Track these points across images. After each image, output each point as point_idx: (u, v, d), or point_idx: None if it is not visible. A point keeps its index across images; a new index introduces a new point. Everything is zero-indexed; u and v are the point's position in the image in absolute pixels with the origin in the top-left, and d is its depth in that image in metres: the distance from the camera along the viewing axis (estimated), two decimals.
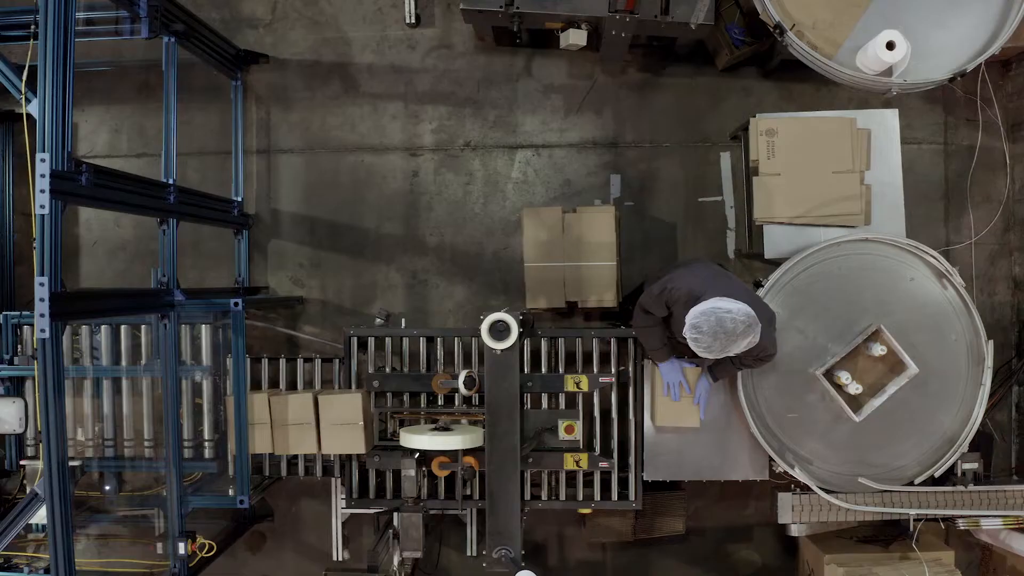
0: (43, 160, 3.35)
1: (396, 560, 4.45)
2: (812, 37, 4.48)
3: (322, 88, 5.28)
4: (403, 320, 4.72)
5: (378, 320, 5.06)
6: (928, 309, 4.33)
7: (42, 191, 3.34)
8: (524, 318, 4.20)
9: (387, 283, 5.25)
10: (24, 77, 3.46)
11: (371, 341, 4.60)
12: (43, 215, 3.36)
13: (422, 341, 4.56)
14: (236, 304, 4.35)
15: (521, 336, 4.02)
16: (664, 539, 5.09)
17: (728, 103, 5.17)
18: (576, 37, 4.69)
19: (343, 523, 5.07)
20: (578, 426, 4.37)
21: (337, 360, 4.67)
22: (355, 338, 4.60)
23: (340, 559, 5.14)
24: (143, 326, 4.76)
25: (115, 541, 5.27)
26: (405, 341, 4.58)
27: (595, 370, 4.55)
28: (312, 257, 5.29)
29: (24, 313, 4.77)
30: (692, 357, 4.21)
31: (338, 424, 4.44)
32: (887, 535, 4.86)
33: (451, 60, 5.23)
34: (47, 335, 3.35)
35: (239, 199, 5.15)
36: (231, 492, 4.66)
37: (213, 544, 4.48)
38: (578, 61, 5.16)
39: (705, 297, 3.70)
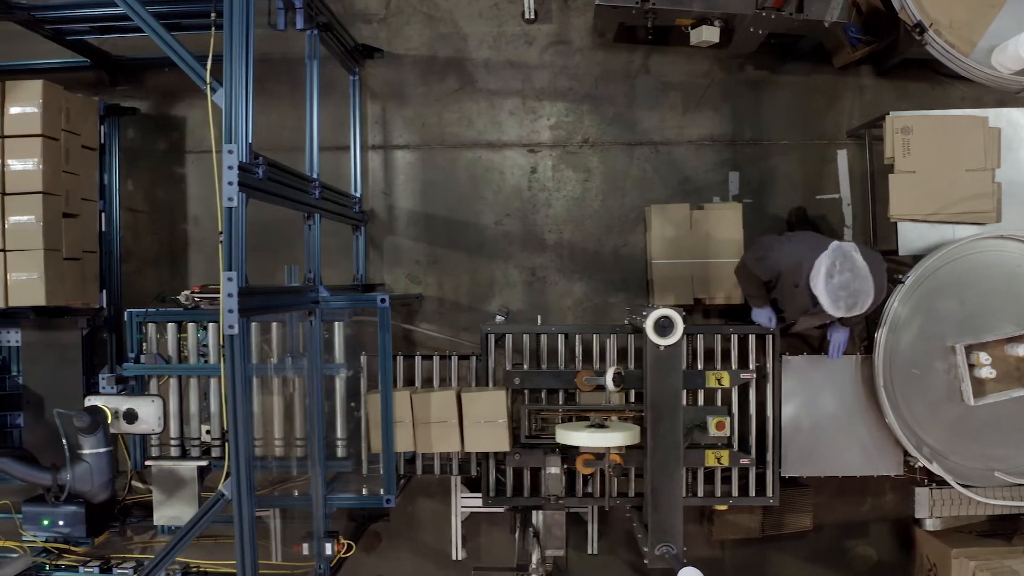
0: (230, 152, 3.32)
1: (536, 558, 4.43)
2: (948, 36, 4.54)
3: (438, 84, 5.23)
4: (539, 317, 4.69)
5: (499, 317, 5.04)
6: None
7: (230, 183, 3.31)
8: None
9: (505, 280, 5.22)
10: (208, 67, 3.40)
11: (508, 338, 4.57)
12: (230, 208, 3.31)
13: (561, 338, 4.54)
14: (383, 301, 4.29)
15: (698, 332, 4.01)
16: (784, 536, 5.10)
17: (844, 101, 5.20)
18: (709, 34, 4.69)
19: (462, 522, 5.07)
20: (728, 423, 4.37)
21: (474, 357, 4.62)
22: (492, 335, 4.57)
23: (459, 558, 5.12)
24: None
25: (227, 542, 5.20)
26: (543, 338, 4.55)
27: (733, 366, 4.56)
28: (429, 254, 5.25)
29: (150, 310, 4.69)
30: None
31: (482, 422, 4.40)
32: (1006, 530, 4.91)
33: (568, 56, 5.21)
34: (235, 331, 3.30)
35: (358, 195, 5.09)
36: (364, 491, 4.60)
37: (352, 544, 4.43)
38: (696, 58, 5.16)
39: (815, 254, 3.80)
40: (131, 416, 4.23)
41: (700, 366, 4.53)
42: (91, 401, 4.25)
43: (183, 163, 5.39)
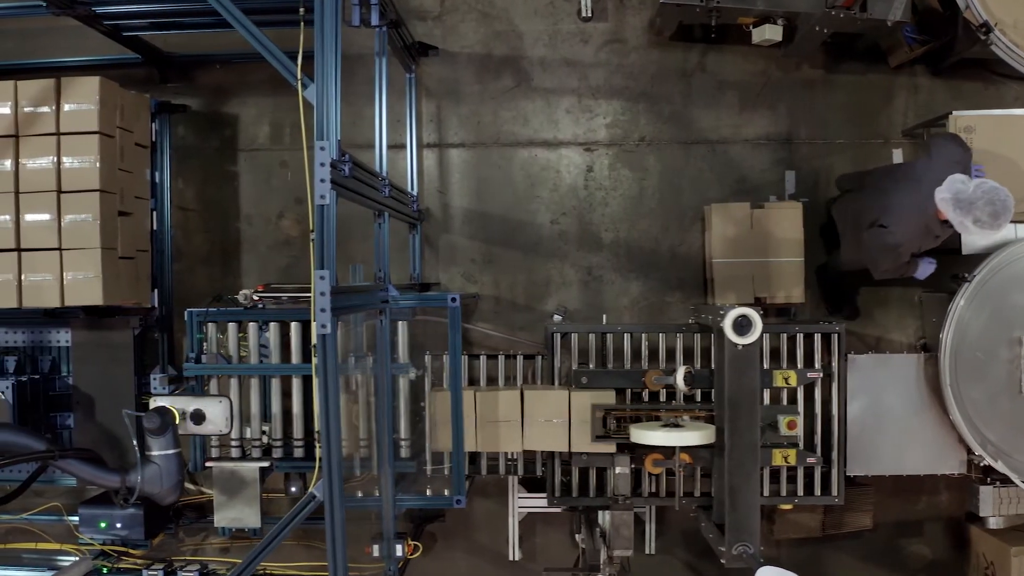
0: (323, 148, 3.28)
1: (602, 558, 4.41)
2: (1013, 35, 4.55)
3: (493, 81, 5.21)
4: (604, 317, 4.67)
5: (557, 317, 5.03)
6: None
7: (322, 180, 3.27)
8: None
9: (561, 280, 5.20)
10: (299, 63, 3.35)
11: (573, 337, 4.55)
12: (323, 206, 3.26)
13: (627, 338, 4.53)
14: (453, 300, 4.26)
15: (763, 331, 4.00)
16: (840, 535, 5.10)
17: (898, 100, 5.21)
18: (772, 32, 4.68)
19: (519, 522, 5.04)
20: (799, 422, 4.36)
21: (540, 356, 4.60)
22: (556, 334, 4.55)
23: (515, 559, 5.10)
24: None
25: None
26: (609, 337, 4.54)
27: (799, 365, 4.55)
28: (484, 253, 5.22)
29: (210, 310, 4.64)
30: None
31: (546, 421, 4.38)
32: None
33: (624, 55, 5.19)
34: (328, 331, 3.25)
35: (414, 194, 5.06)
36: (428, 492, 4.57)
37: (419, 544, 4.40)
38: (752, 57, 5.16)
39: (926, 188, 3.91)
40: (198, 417, 4.17)
41: (766, 365, 4.53)
42: (157, 402, 4.19)
43: (235, 161, 5.33)
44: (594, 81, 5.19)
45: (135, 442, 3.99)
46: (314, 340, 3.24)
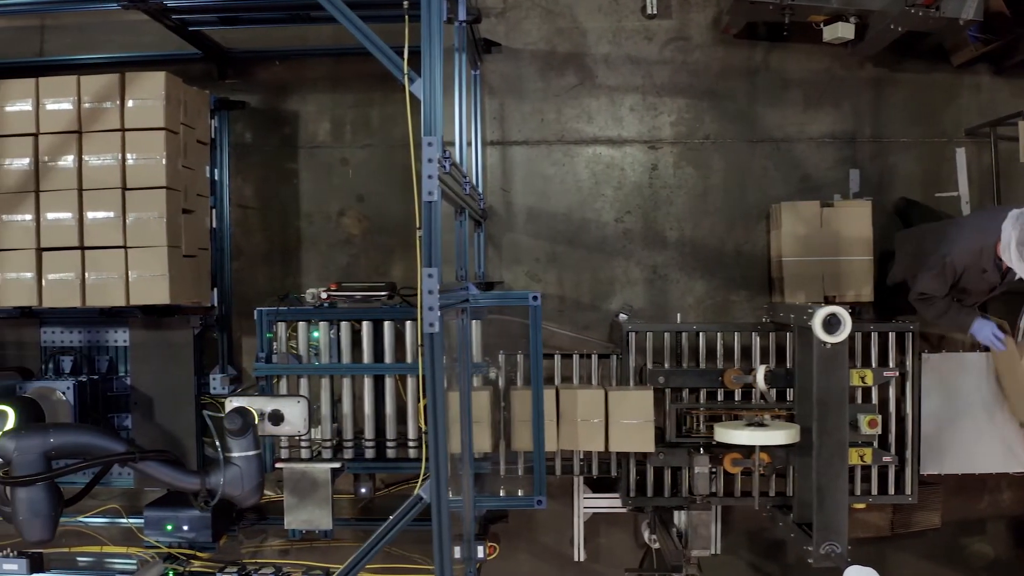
0: (430, 144, 3.22)
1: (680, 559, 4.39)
2: None
3: (557, 79, 5.17)
4: (678, 315, 4.64)
5: (622, 316, 4.99)
6: None
7: (429, 177, 3.21)
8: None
9: (626, 278, 5.17)
10: (405, 57, 3.30)
11: (649, 336, 4.53)
12: (430, 203, 3.21)
13: (702, 337, 4.50)
14: (535, 299, 4.21)
15: (853, 330, 3.98)
16: (905, 534, 5.09)
17: (961, 99, 5.21)
18: (844, 30, 4.68)
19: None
20: (880, 420, 4.35)
21: (615, 356, 4.57)
22: (632, 333, 4.52)
23: (580, 559, 5.06)
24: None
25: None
26: (684, 336, 4.51)
27: (874, 364, 4.54)
28: (548, 251, 5.18)
29: (281, 309, 4.58)
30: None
31: (628, 421, 4.34)
32: None
33: (688, 52, 5.17)
34: (436, 329, 3.20)
35: (480, 191, 5.01)
36: (502, 492, 4.53)
37: (496, 546, 4.36)
38: (816, 55, 5.15)
39: (991, 235, 3.85)
40: (276, 417, 4.11)
41: None
42: (233, 403, 4.12)
43: (295, 158, 5.27)
44: (658, 79, 5.16)
45: (217, 443, 3.92)
46: (420, 339, 3.19)
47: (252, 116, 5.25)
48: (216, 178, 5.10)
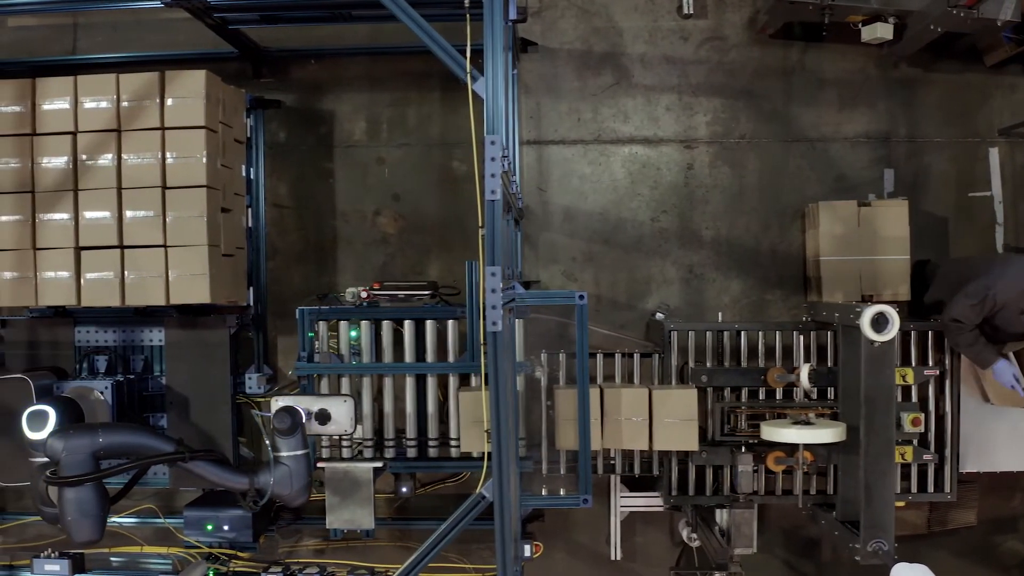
0: (493, 143, 3.21)
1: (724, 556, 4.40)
2: None
3: (593, 78, 5.18)
4: (720, 314, 4.66)
5: (659, 315, 5.00)
6: None
7: (492, 175, 3.20)
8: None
9: (662, 277, 5.18)
10: (468, 55, 3.29)
11: (691, 335, 4.54)
12: (493, 201, 3.21)
13: (744, 336, 4.52)
14: (581, 298, 4.21)
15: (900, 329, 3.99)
16: (940, 532, 5.12)
17: (995, 100, 5.24)
18: (883, 31, 4.71)
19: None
20: (923, 419, 4.37)
21: (657, 356, 4.58)
22: (674, 332, 4.53)
23: (616, 558, 5.07)
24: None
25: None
26: (725, 335, 4.52)
27: (913, 363, 4.56)
28: (584, 251, 5.18)
29: (322, 308, 4.57)
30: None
31: (672, 420, 4.35)
32: None
33: (724, 52, 5.18)
34: (499, 328, 3.21)
35: (518, 191, 5.01)
36: (544, 491, 4.53)
37: (541, 545, 4.36)
38: (850, 55, 5.17)
39: None
40: (323, 417, 4.10)
41: None
42: (278, 402, 4.11)
43: (330, 157, 5.26)
44: (694, 78, 5.17)
45: (267, 443, 3.92)
46: (483, 337, 3.19)
47: (287, 115, 5.24)
48: (251, 177, 5.09)
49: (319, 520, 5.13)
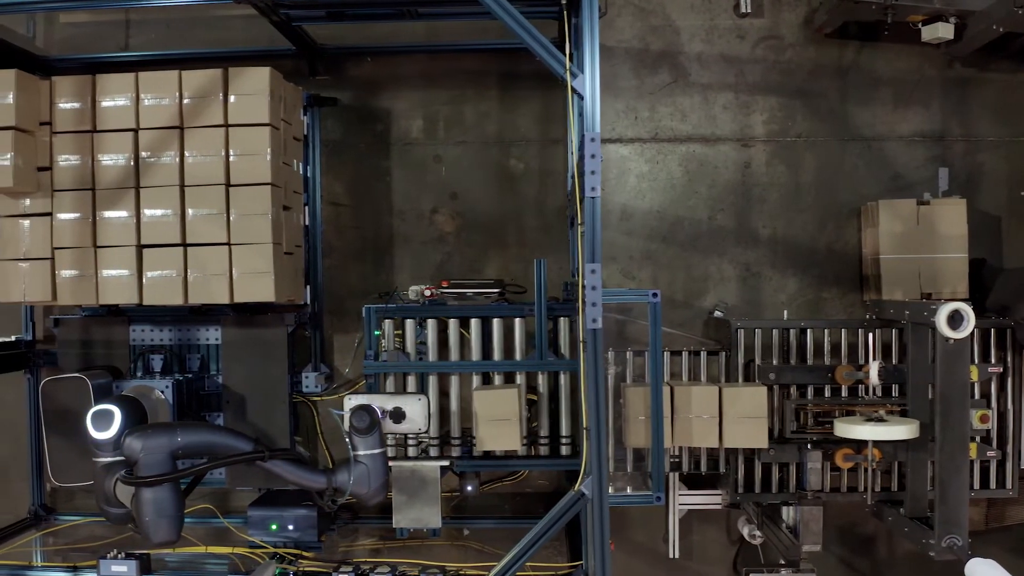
0: (592, 140, 3.22)
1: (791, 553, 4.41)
2: None
3: (651, 77, 5.18)
4: (785, 312, 4.67)
5: (718, 313, 5.02)
6: None
7: (592, 172, 3.22)
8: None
9: (720, 276, 5.18)
10: (567, 54, 3.29)
11: (757, 333, 4.55)
12: (593, 198, 3.21)
13: (809, 334, 4.54)
14: (654, 296, 4.21)
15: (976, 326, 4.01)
16: (996, 528, 5.15)
17: None
18: (944, 31, 4.73)
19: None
20: (990, 415, 4.39)
21: (724, 353, 4.59)
22: (741, 330, 4.54)
23: (674, 556, 5.07)
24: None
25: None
26: (791, 333, 4.54)
27: (976, 360, 4.59)
28: (642, 249, 5.18)
29: (390, 305, 4.55)
30: None
31: (742, 417, 4.36)
32: None
33: (780, 51, 5.19)
34: (599, 325, 3.22)
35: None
36: (611, 490, 4.52)
37: (614, 542, 4.35)
38: (904, 54, 5.19)
39: None
40: (398, 415, 4.09)
41: None
42: (351, 400, 4.09)
43: (387, 155, 5.24)
44: (751, 77, 5.18)
45: (348, 441, 3.90)
46: (581, 335, 3.19)
47: (343, 113, 5.22)
48: (308, 175, 5.06)
49: (375, 519, 5.17)
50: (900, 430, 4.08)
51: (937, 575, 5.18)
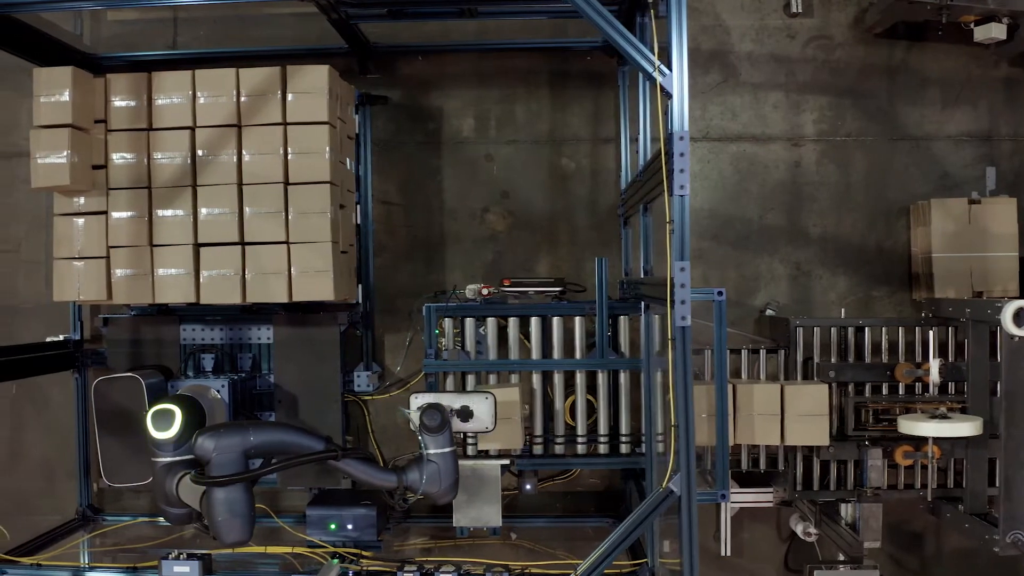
0: (681, 138, 3.22)
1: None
2: None
3: (701, 76, 5.19)
4: (842, 310, 4.69)
5: (770, 311, 5.03)
6: None
7: (681, 171, 3.23)
8: None
9: (770, 274, 5.20)
10: (655, 52, 3.29)
11: (816, 331, 4.56)
12: (682, 196, 3.22)
13: (867, 332, 4.56)
14: (720, 294, 4.22)
15: None
16: None
17: None
18: (997, 31, 4.77)
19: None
20: None
21: (783, 352, 4.60)
22: (800, 328, 4.56)
23: (726, 554, 5.08)
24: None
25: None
26: (849, 331, 4.56)
27: None
28: (693, 247, 5.07)
29: (450, 304, 4.55)
30: None
31: (804, 415, 4.38)
32: None
33: (830, 51, 5.22)
34: (688, 322, 3.23)
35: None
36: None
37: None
38: (953, 54, 5.22)
39: None
40: (465, 414, 4.08)
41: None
42: (418, 399, 4.08)
43: (438, 154, 5.23)
44: (801, 77, 5.20)
45: (421, 439, 3.89)
46: (670, 332, 3.20)
47: (394, 111, 5.21)
48: (359, 173, 5.05)
49: (426, 519, 5.17)
50: (965, 427, 4.10)
51: (982, 572, 5.24)
